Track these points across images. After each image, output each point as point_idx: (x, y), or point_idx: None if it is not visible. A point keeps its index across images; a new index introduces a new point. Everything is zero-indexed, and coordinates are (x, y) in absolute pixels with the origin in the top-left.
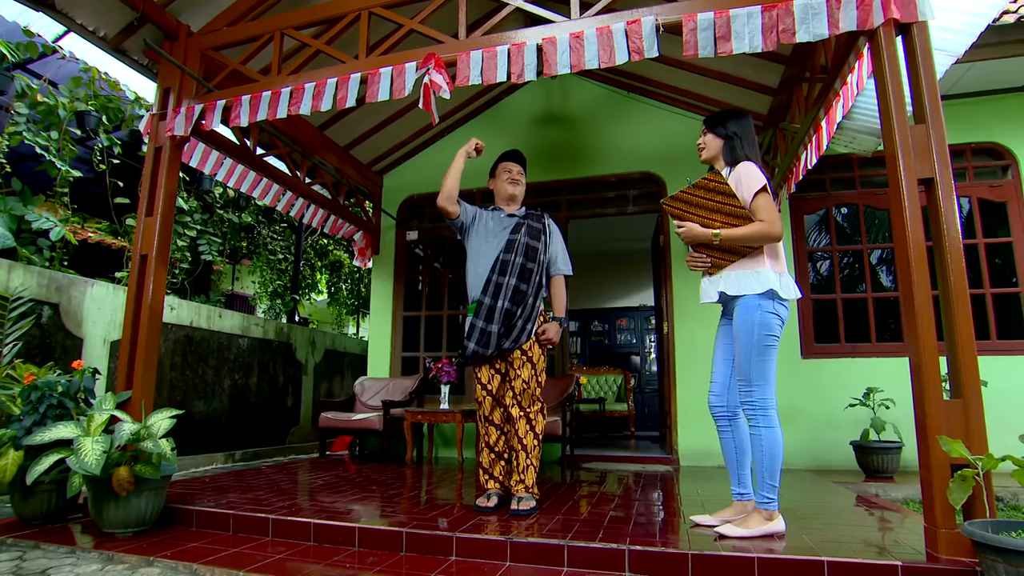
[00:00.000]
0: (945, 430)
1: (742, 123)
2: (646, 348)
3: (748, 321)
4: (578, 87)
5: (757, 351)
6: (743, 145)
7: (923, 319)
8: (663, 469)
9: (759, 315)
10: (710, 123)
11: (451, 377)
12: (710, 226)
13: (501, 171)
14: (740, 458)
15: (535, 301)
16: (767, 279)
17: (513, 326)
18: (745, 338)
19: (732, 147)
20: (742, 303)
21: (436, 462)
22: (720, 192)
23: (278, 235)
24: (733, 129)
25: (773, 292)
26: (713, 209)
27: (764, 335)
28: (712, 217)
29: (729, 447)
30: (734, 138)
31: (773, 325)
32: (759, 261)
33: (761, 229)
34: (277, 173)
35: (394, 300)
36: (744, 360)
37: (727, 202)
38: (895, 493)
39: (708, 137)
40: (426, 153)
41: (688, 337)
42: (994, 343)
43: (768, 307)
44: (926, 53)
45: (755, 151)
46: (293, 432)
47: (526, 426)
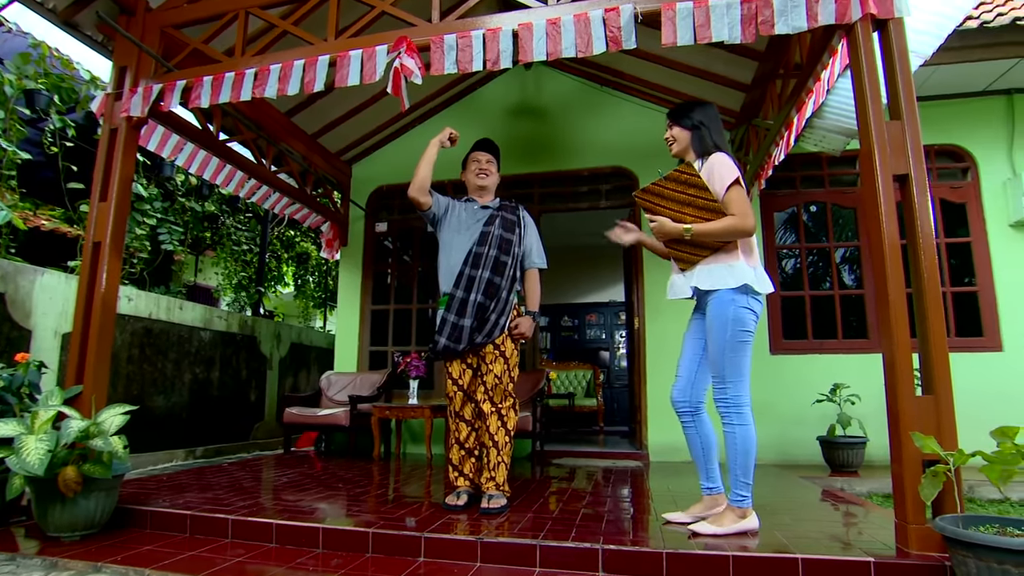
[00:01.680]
0: (917, 426)
1: (707, 112)
2: (615, 344)
3: (722, 316)
4: (552, 79)
5: (731, 347)
6: (711, 134)
7: (897, 315)
8: (633, 465)
9: (733, 310)
10: (675, 116)
11: (420, 372)
12: (682, 220)
13: (470, 162)
14: (706, 452)
15: (508, 295)
16: (742, 273)
17: (486, 320)
18: (719, 334)
19: (701, 137)
20: (716, 298)
21: (404, 458)
22: (692, 185)
23: (243, 225)
24: (699, 119)
25: (747, 287)
26: (685, 202)
27: (738, 330)
28: (684, 211)
29: (695, 442)
30: (702, 128)
31: (747, 320)
32: (733, 255)
33: (734, 223)
34: (241, 160)
35: (362, 293)
36: (718, 356)
37: (699, 195)
38: (860, 487)
39: (675, 130)
40: (397, 143)
41: (659, 333)
42: (953, 340)
43: (742, 302)
44: (902, 49)
45: (723, 139)
46: (257, 428)
47: (497, 422)
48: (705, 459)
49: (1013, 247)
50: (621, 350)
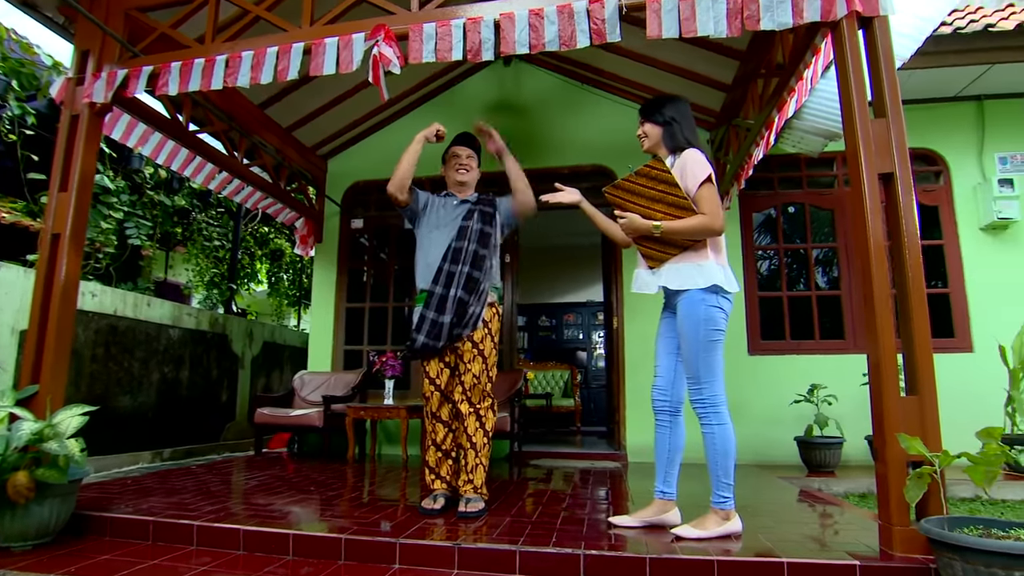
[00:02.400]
0: (902, 427)
1: (679, 107)
2: (592, 344)
3: (693, 316)
4: (532, 76)
5: (704, 347)
6: (683, 130)
7: (882, 316)
8: (612, 466)
9: (704, 310)
10: (646, 111)
11: (396, 371)
12: (652, 217)
13: (450, 157)
14: (672, 456)
15: (487, 285)
16: (711, 273)
17: (465, 313)
18: (691, 334)
19: (672, 133)
20: (686, 298)
21: (379, 460)
22: (663, 181)
23: (215, 221)
24: (671, 114)
25: (717, 286)
26: (655, 199)
27: (710, 330)
28: (654, 207)
29: (663, 443)
30: (673, 123)
31: (718, 319)
32: (702, 255)
33: (704, 222)
34: (212, 152)
35: (337, 291)
36: (692, 357)
37: (670, 191)
38: (836, 487)
39: (647, 126)
40: (374, 138)
41: (638, 332)
42: None
43: (712, 301)
44: (887, 47)
45: (696, 135)
46: (228, 428)
47: (475, 423)
48: (668, 463)
49: (983, 250)
50: (598, 350)
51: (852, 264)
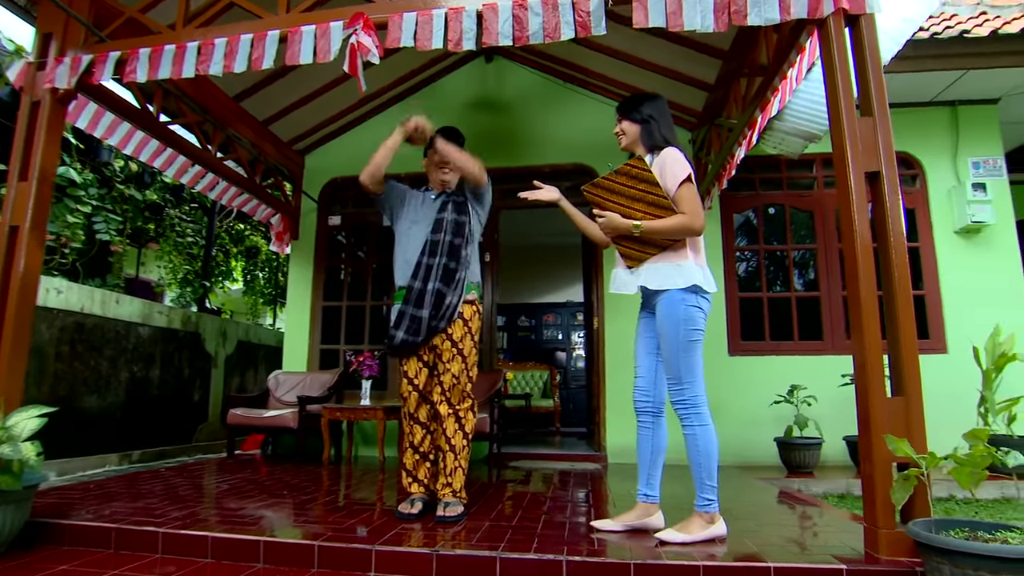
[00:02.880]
0: (888, 428)
1: (657, 105)
2: (572, 344)
3: (672, 317)
4: (513, 73)
5: (684, 347)
6: (661, 128)
7: (868, 316)
8: (592, 467)
9: (683, 310)
10: (624, 109)
11: (373, 371)
12: (631, 216)
13: (433, 152)
14: (655, 458)
15: (464, 275)
16: (691, 273)
17: (443, 305)
18: (671, 334)
19: (650, 131)
20: (665, 298)
21: (356, 462)
22: (643, 180)
23: (188, 217)
24: (648, 112)
25: (696, 286)
26: (635, 198)
27: (690, 330)
28: (634, 206)
29: (646, 445)
30: (651, 121)
31: (697, 319)
32: (682, 254)
33: (683, 222)
34: (184, 144)
35: (313, 289)
36: (672, 358)
37: (650, 191)
38: (816, 488)
39: (624, 124)
40: (353, 133)
41: (619, 332)
42: None
43: (691, 301)
44: (873, 46)
45: (673, 133)
46: (200, 429)
47: (455, 425)
48: (651, 465)
49: (957, 253)
50: (577, 351)
51: (831, 266)
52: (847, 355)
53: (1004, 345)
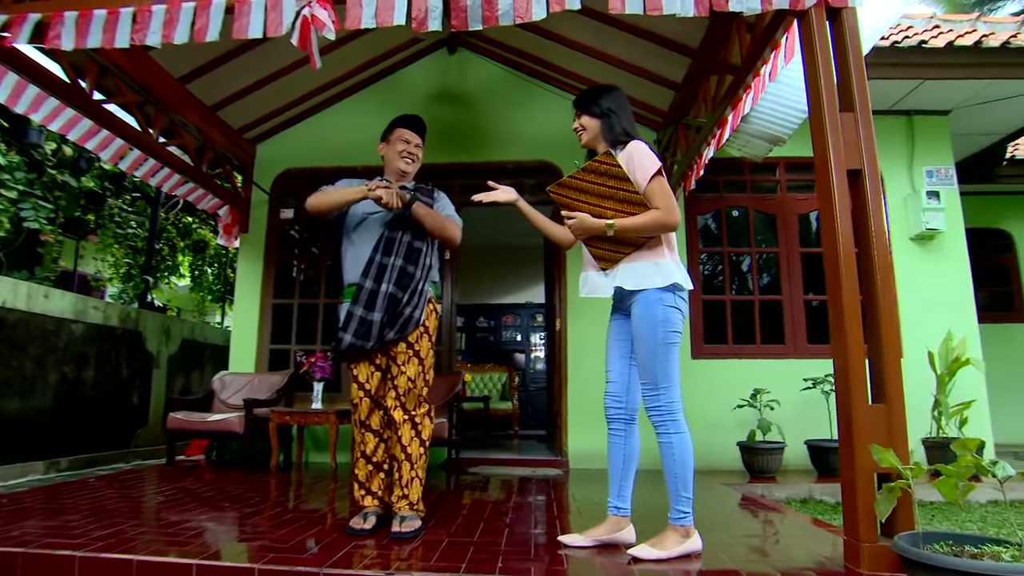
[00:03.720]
0: (870, 436)
1: (616, 97)
2: (531, 345)
3: (650, 317)
4: (477, 66)
5: (661, 350)
6: (622, 121)
7: (851, 320)
8: (553, 473)
9: (661, 310)
10: (582, 103)
11: (325, 373)
12: (602, 215)
13: (396, 140)
14: (626, 468)
15: (423, 285)
16: (669, 272)
17: (399, 314)
18: (648, 336)
19: (611, 125)
20: (642, 298)
21: (306, 468)
22: (613, 176)
23: (130, 207)
24: (608, 105)
25: (675, 285)
26: (605, 195)
27: (667, 332)
28: (604, 204)
29: (617, 454)
30: (611, 115)
31: (675, 320)
32: (659, 252)
33: (659, 217)
34: (122, 126)
35: (263, 285)
36: (648, 361)
37: (620, 187)
38: (779, 493)
39: (584, 119)
40: (308, 123)
41: (581, 334)
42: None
43: (670, 301)
44: (855, 39)
45: (634, 127)
46: (139, 434)
47: (411, 432)
48: (623, 475)
49: (912, 259)
50: (536, 352)
51: (792, 269)
52: (809, 359)
53: (957, 350)
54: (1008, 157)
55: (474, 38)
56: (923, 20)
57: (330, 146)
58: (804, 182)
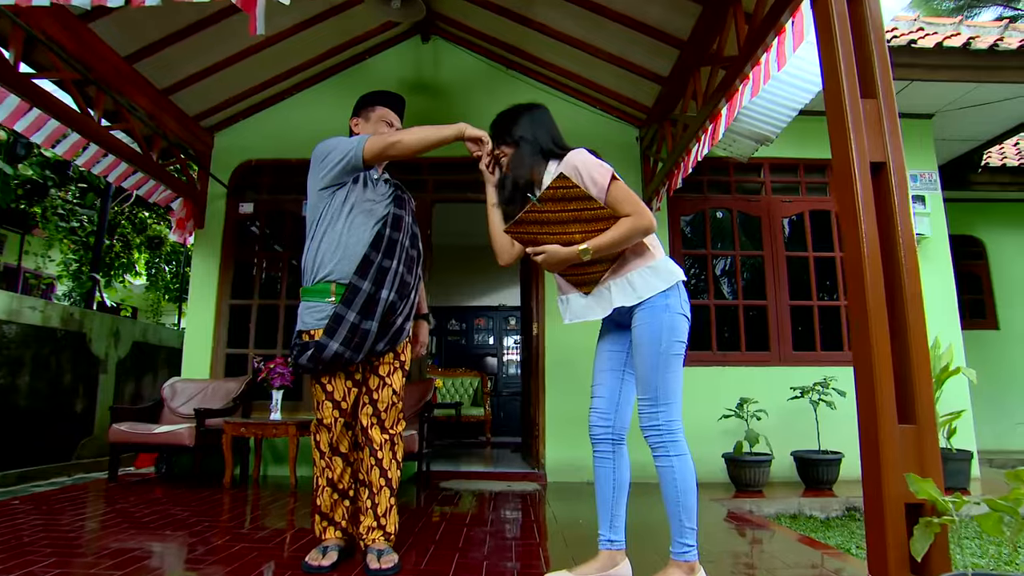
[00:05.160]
0: (899, 462)
1: (530, 118)
2: (504, 348)
3: (654, 326)
4: (453, 55)
5: (664, 362)
6: (540, 141)
7: (877, 331)
8: (531, 488)
9: (667, 317)
10: (494, 136)
11: (285, 381)
12: (571, 241)
13: (378, 120)
14: (618, 495)
15: (416, 296)
16: (668, 270)
17: (392, 324)
18: (650, 347)
19: (528, 150)
20: (647, 307)
21: (264, 482)
22: (574, 198)
23: (76, 199)
24: (519, 133)
25: (679, 286)
26: (569, 220)
27: (672, 341)
28: (570, 230)
29: (606, 481)
30: (525, 141)
31: (681, 328)
32: (646, 256)
33: (632, 225)
34: (57, 105)
35: (219, 284)
36: (649, 374)
37: (584, 207)
38: (768, 508)
39: (504, 150)
40: (271, 112)
41: (559, 340)
42: (846, 354)
43: (676, 306)
44: (876, 18)
45: (560, 136)
46: (83, 445)
47: (390, 454)
48: (614, 504)
49: None
50: (508, 356)
51: (778, 273)
52: (794, 366)
53: (944, 357)
54: (983, 164)
55: (450, 25)
56: (907, 23)
57: (295, 137)
58: (789, 183)
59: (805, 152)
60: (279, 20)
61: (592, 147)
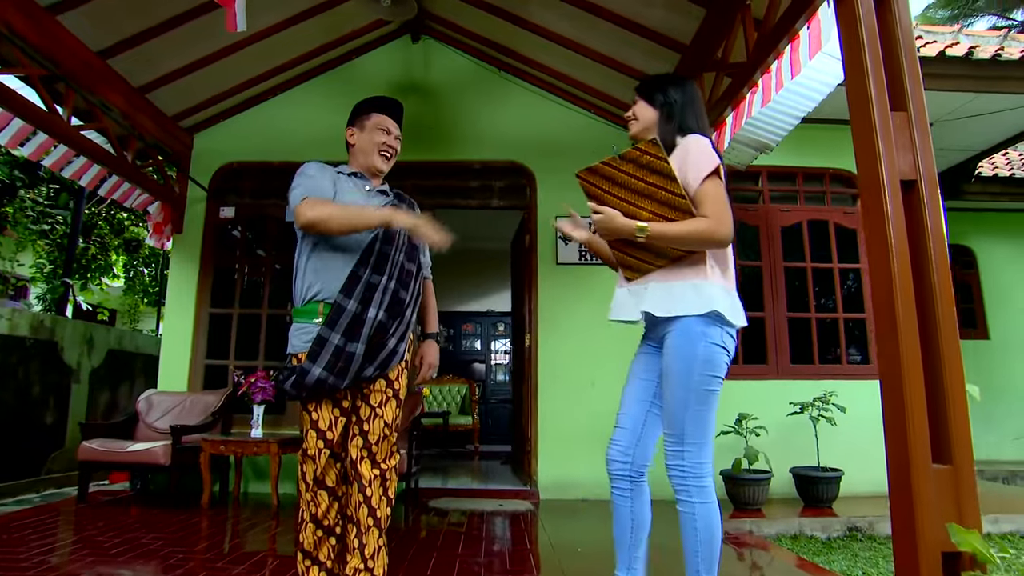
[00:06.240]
0: (934, 507)
1: (686, 90)
2: (492, 352)
3: (687, 354)
4: (443, 56)
5: (697, 397)
6: (685, 117)
7: (909, 362)
8: (523, 508)
9: (703, 347)
10: (644, 89)
11: (267, 395)
12: (636, 215)
13: (374, 128)
14: (636, 533)
15: (412, 314)
16: (712, 296)
17: (382, 345)
18: (681, 377)
19: (669, 119)
20: (680, 328)
21: (245, 501)
22: (657, 171)
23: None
24: (674, 97)
25: (719, 315)
26: (643, 193)
27: (707, 376)
28: (640, 204)
29: (624, 519)
30: (673, 108)
31: (720, 362)
32: (699, 270)
33: (704, 228)
34: (20, 102)
35: (199, 292)
36: (677, 409)
37: (664, 186)
38: (768, 529)
39: (640, 106)
40: (254, 112)
41: (553, 352)
42: (845, 367)
43: (715, 337)
44: (906, 24)
45: (706, 125)
46: (54, 458)
47: (380, 490)
48: (632, 543)
49: None
50: (496, 360)
51: (776, 284)
52: (792, 379)
53: None
54: (976, 174)
55: (441, 25)
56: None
57: (279, 138)
58: (788, 192)
59: (804, 160)
60: (263, 16)
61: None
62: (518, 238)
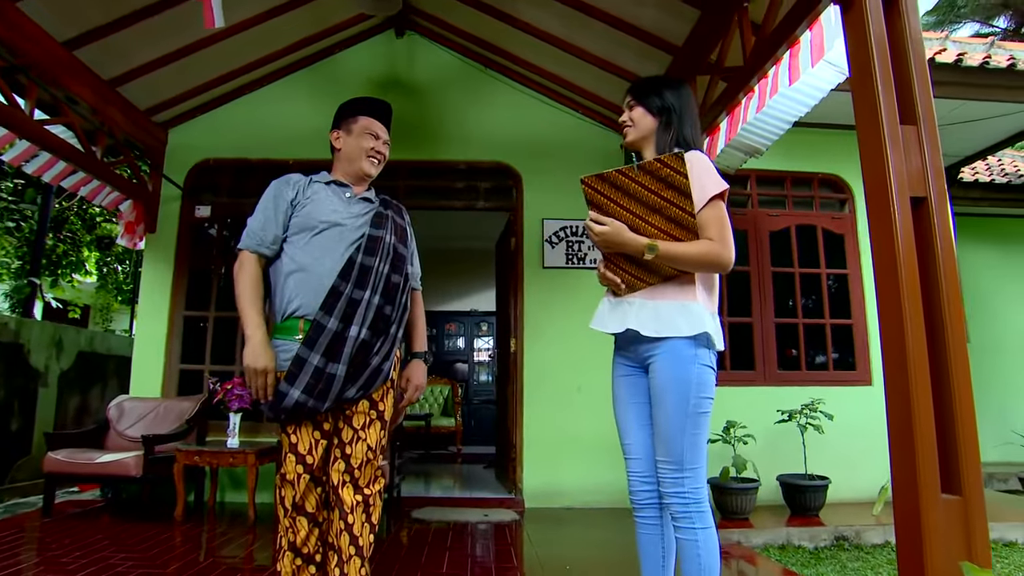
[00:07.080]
0: (942, 540)
1: (683, 95)
2: (475, 350)
3: (680, 378)
4: (428, 52)
5: (693, 422)
6: (684, 126)
7: (919, 387)
8: (508, 518)
9: (696, 370)
10: (639, 92)
11: (244, 403)
12: (641, 230)
13: (362, 132)
14: (667, 562)
15: (399, 330)
16: (701, 317)
17: (365, 365)
18: (676, 402)
19: (668, 127)
20: (669, 350)
21: (221, 511)
22: (673, 187)
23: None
24: (672, 102)
25: (708, 336)
26: (654, 207)
27: (701, 398)
28: (649, 219)
29: (654, 547)
30: (672, 115)
31: (711, 383)
32: (688, 291)
33: (711, 251)
34: None
35: (173, 294)
36: (675, 435)
37: (677, 203)
38: (756, 539)
39: (638, 112)
40: (232, 107)
41: (540, 358)
42: (832, 374)
43: (705, 358)
44: (916, 33)
45: (699, 135)
46: (19, 466)
47: (363, 517)
48: (663, 571)
49: None
50: (479, 357)
51: (763, 289)
52: (779, 386)
53: None
54: (957, 179)
55: (426, 20)
56: None
57: (257, 134)
58: (776, 197)
59: (793, 165)
60: (242, 8)
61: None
62: (503, 240)
